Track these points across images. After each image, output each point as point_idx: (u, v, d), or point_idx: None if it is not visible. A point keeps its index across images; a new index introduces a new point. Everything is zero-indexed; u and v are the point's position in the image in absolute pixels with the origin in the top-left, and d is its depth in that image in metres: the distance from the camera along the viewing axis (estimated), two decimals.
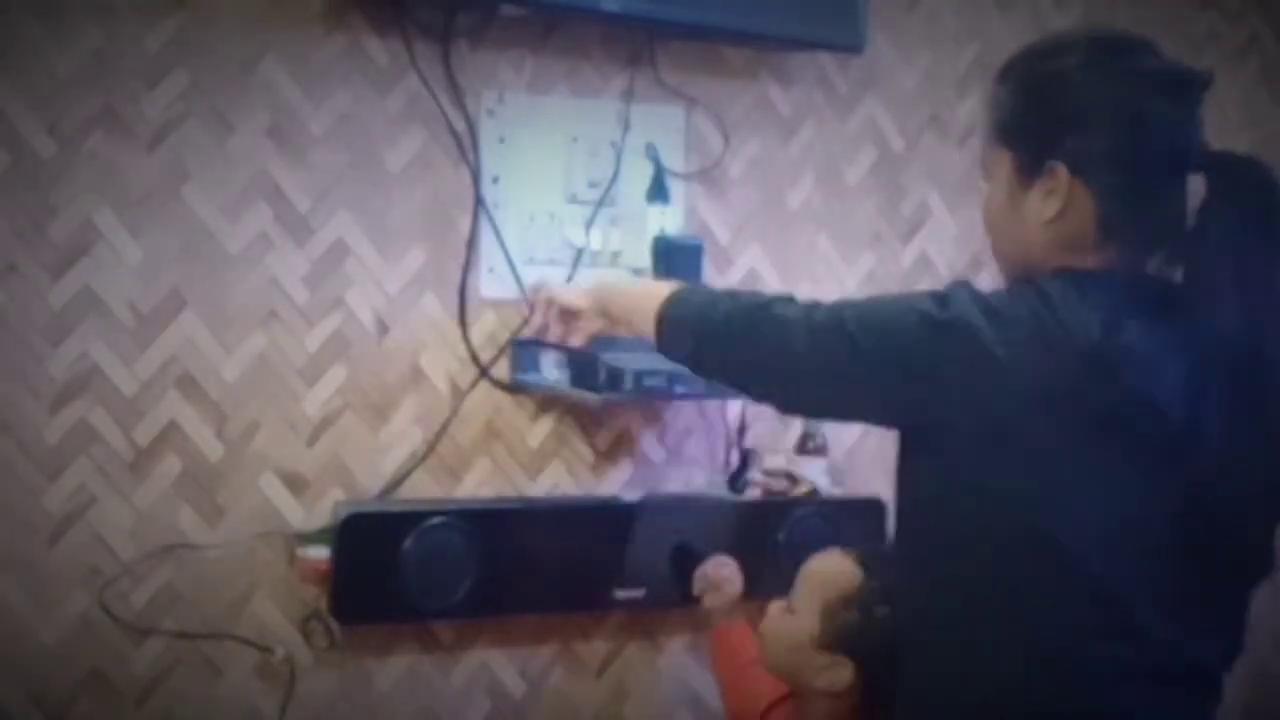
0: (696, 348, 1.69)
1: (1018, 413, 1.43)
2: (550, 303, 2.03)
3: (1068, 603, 1.45)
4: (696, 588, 2.24)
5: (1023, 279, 1.54)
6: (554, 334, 2.04)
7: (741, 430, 2.44)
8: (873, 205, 2.60)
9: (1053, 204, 1.52)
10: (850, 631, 1.79)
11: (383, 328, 2.20)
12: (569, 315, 1.99)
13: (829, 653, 1.80)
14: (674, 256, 2.29)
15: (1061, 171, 1.51)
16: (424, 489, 2.23)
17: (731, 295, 1.70)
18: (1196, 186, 1.51)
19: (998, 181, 1.58)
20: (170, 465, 2.07)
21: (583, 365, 2.15)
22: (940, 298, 1.50)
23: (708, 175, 2.44)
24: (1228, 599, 1.54)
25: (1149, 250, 1.51)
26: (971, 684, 1.50)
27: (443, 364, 2.24)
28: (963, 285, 1.52)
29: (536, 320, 2.08)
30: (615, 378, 2.12)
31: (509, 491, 2.30)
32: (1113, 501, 1.45)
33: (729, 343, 1.65)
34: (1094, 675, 1.45)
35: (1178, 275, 1.50)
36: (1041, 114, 1.55)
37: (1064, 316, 1.44)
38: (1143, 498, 1.45)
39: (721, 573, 2.21)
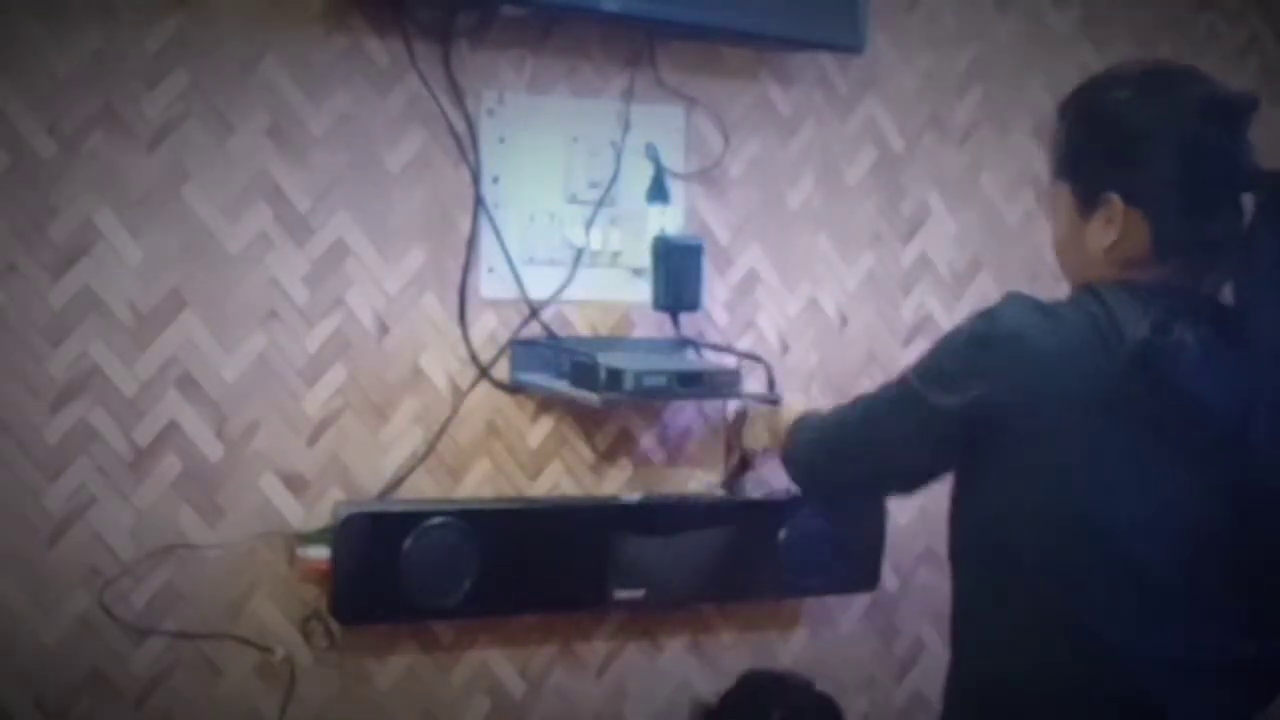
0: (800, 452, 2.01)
1: (1070, 407, 1.51)
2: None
3: (1112, 589, 1.52)
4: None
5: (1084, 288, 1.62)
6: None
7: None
8: (873, 205, 2.59)
9: (1110, 233, 1.59)
10: None
11: (383, 328, 2.20)
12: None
13: None
14: (674, 256, 2.29)
15: (1116, 202, 1.58)
16: (424, 489, 2.23)
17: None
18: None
19: (1060, 214, 1.67)
20: (170, 465, 2.07)
21: (582, 366, 2.16)
22: (989, 314, 1.60)
23: (708, 175, 2.44)
24: (1261, 598, 1.59)
25: (1204, 268, 1.58)
26: (1017, 664, 1.56)
27: (443, 364, 2.24)
28: (1015, 296, 1.60)
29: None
30: (615, 378, 2.13)
31: (509, 491, 2.30)
32: (1159, 496, 1.52)
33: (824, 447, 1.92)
34: (1132, 660, 1.52)
35: (1228, 292, 1.57)
36: (1095, 147, 1.62)
37: (1118, 317, 1.51)
38: (1188, 495, 1.52)
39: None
